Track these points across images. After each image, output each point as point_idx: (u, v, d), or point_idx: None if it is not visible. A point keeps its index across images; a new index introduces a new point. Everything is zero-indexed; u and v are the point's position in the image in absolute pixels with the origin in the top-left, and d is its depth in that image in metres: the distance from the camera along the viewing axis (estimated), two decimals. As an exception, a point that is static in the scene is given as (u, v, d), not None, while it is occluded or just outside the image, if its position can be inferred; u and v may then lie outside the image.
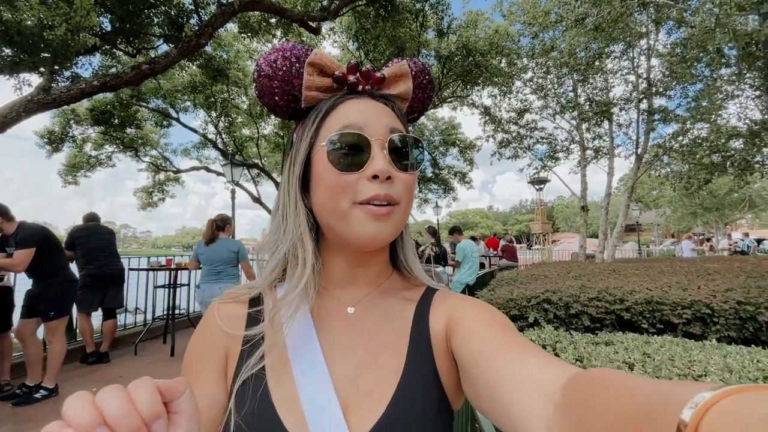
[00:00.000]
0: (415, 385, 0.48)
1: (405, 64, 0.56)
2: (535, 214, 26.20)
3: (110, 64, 8.15)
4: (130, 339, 4.97)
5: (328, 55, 0.54)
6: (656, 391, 0.23)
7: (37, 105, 4.68)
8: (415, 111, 0.61)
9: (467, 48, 9.48)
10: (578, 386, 0.31)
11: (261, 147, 13.95)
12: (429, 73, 0.59)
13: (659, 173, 10.25)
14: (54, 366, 3.32)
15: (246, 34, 7.96)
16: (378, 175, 0.48)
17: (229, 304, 0.55)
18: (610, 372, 0.30)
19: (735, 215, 25.25)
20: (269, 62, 0.52)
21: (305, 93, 0.53)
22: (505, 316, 0.50)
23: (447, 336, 0.50)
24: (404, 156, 0.51)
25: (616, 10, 5.53)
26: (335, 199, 0.49)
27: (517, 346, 0.42)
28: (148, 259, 5.60)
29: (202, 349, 0.53)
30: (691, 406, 0.18)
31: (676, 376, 1.35)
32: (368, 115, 0.51)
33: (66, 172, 12.22)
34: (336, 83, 0.53)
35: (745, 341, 2.10)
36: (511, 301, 2.68)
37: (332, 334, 0.53)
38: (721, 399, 0.18)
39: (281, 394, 0.47)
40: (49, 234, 3.36)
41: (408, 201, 0.52)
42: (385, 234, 0.49)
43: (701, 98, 7.82)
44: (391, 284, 0.59)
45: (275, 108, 0.55)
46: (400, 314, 0.55)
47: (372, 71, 0.55)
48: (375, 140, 0.49)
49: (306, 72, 0.52)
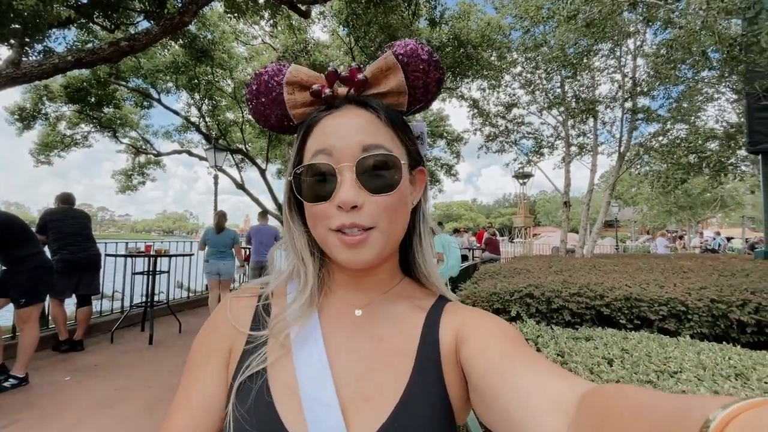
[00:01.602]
0: (420, 395, 0.47)
1: (390, 56, 0.50)
2: (518, 208, 26.62)
3: (86, 39, 7.75)
4: (107, 326, 4.84)
5: (305, 69, 0.53)
6: (675, 408, 0.22)
7: (5, 79, 4.41)
8: (422, 100, 0.54)
9: (459, 39, 9.40)
10: (594, 403, 0.30)
11: (246, 132, 13.61)
12: (425, 52, 0.51)
13: (639, 171, 10.53)
14: (25, 354, 3.21)
15: (232, 14, 7.66)
16: (341, 206, 0.46)
17: (241, 298, 0.57)
18: (626, 388, 0.29)
19: (707, 214, 26.32)
20: (251, 92, 0.54)
21: (291, 112, 0.53)
22: (516, 329, 0.50)
23: (456, 348, 0.49)
24: (378, 176, 0.48)
25: (607, 7, 5.57)
26: (313, 225, 0.50)
27: (529, 360, 0.41)
28: (126, 245, 5.44)
29: (208, 343, 0.54)
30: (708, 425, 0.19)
31: (653, 372, 1.40)
32: (339, 135, 0.49)
33: (38, 151, 11.69)
34: (314, 97, 0.52)
35: (716, 338, 2.18)
36: (494, 295, 2.71)
37: (337, 335, 0.52)
38: (738, 414, 0.18)
39: (281, 390, 0.46)
40: (8, 223, 3.19)
41: (391, 222, 0.49)
42: (364, 259, 0.48)
43: (683, 99, 8.01)
44: (401, 290, 0.58)
45: (271, 128, 0.57)
46: (410, 321, 0.54)
47: (354, 73, 0.51)
48: (342, 166, 0.47)
49: (286, 92, 0.52)
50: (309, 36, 11.19)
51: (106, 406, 2.94)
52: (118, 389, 3.25)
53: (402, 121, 0.55)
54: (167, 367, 3.81)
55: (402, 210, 0.51)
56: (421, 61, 0.51)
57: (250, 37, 12.71)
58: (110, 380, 3.42)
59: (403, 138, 0.53)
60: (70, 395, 3.08)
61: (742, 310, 2.22)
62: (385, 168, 0.48)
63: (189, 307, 6.59)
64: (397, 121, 0.53)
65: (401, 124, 0.54)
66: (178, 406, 0.50)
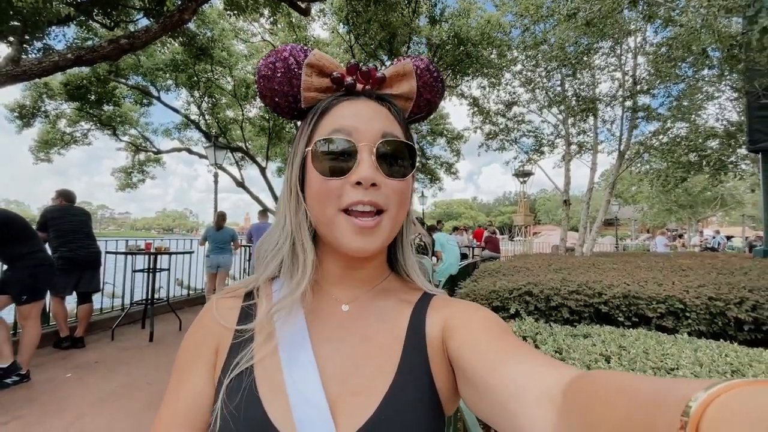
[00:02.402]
0: (407, 388, 0.47)
1: (409, 63, 0.55)
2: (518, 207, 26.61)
3: (86, 36, 7.73)
4: (107, 324, 4.85)
5: (328, 56, 0.55)
6: (655, 390, 0.23)
7: (5, 77, 4.40)
8: (423, 110, 0.59)
9: (459, 37, 9.39)
10: (579, 389, 0.31)
11: (245, 130, 13.59)
12: (436, 70, 0.57)
13: (639, 170, 10.52)
14: (27, 351, 3.22)
15: (232, 12, 7.64)
16: (361, 181, 0.47)
17: (226, 299, 0.56)
18: (610, 374, 0.30)
19: (707, 213, 26.30)
20: (267, 64, 0.53)
21: (304, 94, 0.54)
22: (502, 320, 0.50)
23: (443, 340, 0.50)
24: (394, 162, 0.50)
25: (608, 5, 5.56)
26: (321, 204, 0.49)
27: (516, 350, 0.41)
28: (126, 242, 5.44)
29: (195, 342, 0.54)
30: (689, 404, 0.19)
31: (650, 369, 1.41)
32: (360, 117, 0.50)
33: (38, 148, 11.68)
34: (334, 84, 0.54)
35: (714, 335, 2.20)
36: (493, 293, 2.72)
37: (324, 331, 0.52)
38: (719, 395, 0.19)
39: (268, 387, 0.46)
40: (9, 221, 3.19)
41: (399, 209, 0.50)
42: (374, 247, 0.49)
43: (683, 98, 8.01)
44: (388, 285, 0.58)
45: (276, 108, 0.57)
46: (396, 316, 0.54)
47: (373, 70, 0.54)
48: (363, 145, 0.48)
49: (304, 73, 0.53)
50: (309, 34, 11.17)
51: (106, 403, 2.95)
52: (119, 386, 3.26)
53: (407, 123, 0.57)
54: (168, 364, 3.82)
55: (408, 200, 0.53)
56: (431, 77, 0.56)
57: (249, 34, 12.68)
58: (111, 377, 3.44)
59: (409, 138, 0.55)
60: (71, 392, 3.09)
61: (739, 307, 2.23)
62: (401, 156, 0.51)
63: (189, 304, 6.60)
64: (405, 122, 0.56)
65: (408, 125, 0.57)
66: (167, 404, 0.50)
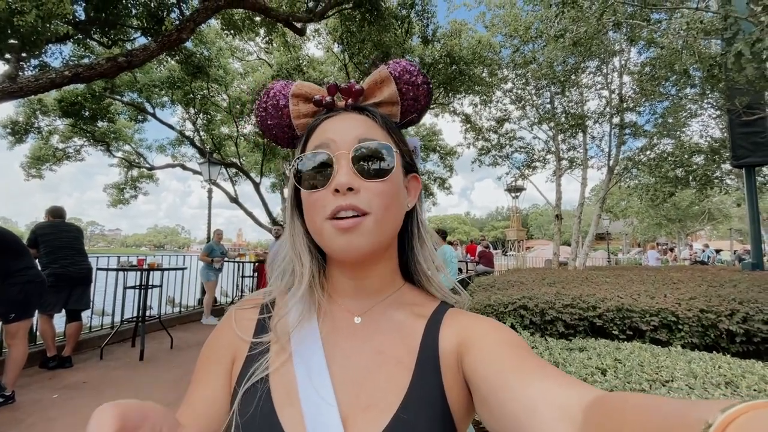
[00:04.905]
0: (420, 404, 0.46)
1: (384, 69, 0.57)
2: (511, 221, 26.82)
3: (82, 54, 7.80)
4: (96, 342, 4.74)
5: (309, 83, 0.59)
6: (675, 409, 0.23)
7: (1, 94, 4.41)
8: (413, 110, 0.60)
9: (451, 56, 9.63)
10: (599, 410, 0.31)
11: (240, 146, 13.66)
12: (415, 69, 0.58)
13: (628, 185, 10.73)
14: (12, 372, 3.13)
15: (229, 32, 7.80)
16: (338, 188, 0.49)
17: (245, 310, 0.59)
18: (630, 395, 0.31)
19: (696, 227, 26.76)
20: (259, 107, 0.59)
21: (295, 122, 0.59)
22: (520, 336, 0.50)
23: (459, 356, 0.49)
24: (373, 164, 0.51)
25: (593, 27, 5.78)
26: (311, 217, 0.51)
27: (534, 367, 0.41)
28: (118, 259, 5.37)
29: (213, 351, 0.56)
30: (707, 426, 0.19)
31: (646, 382, 1.42)
32: (337, 130, 0.53)
33: (30, 164, 11.57)
34: (317, 106, 0.58)
35: (706, 347, 2.22)
36: (488, 307, 2.74)
37: (337, 342, 0.53)
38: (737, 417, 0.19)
39: (282, 397, 0.47)
40: (0, 237, 3.15)
41: (384, 210, 0.50)
42: (357, 245, 0.48)
43: (668, 115, 8.26)
44: (401, 296, 0.58)
45: (277, 140, 0.61)
46: (410, 329, 0.54)
47: (351, 85, 0.58)
48: (339, 154, 0.50)
49: (291, 103, 0.58)
50: (303, 53, 11.38)
51: (95, 425, 2.87)
52: (108, 407, 3.17)
53: (395, 126, 0.59)
54: (159, 383, 3.73)
55: (395, 201, 0.52)
56: (410, 74, 0.57)
57: (245, 53, 12.90)
58: (100, 397, 3.34)
59: (397, 140, 0.56)
60: (58, 413, 3.00)
61: (730, 319, 2.27)
62: (379, 156, 0.51)
63: (180, 322, 6.48)
64: (391, 125, 0.57)
65: (395, 128, 0.58)
66: (186, 404, 0.52)
